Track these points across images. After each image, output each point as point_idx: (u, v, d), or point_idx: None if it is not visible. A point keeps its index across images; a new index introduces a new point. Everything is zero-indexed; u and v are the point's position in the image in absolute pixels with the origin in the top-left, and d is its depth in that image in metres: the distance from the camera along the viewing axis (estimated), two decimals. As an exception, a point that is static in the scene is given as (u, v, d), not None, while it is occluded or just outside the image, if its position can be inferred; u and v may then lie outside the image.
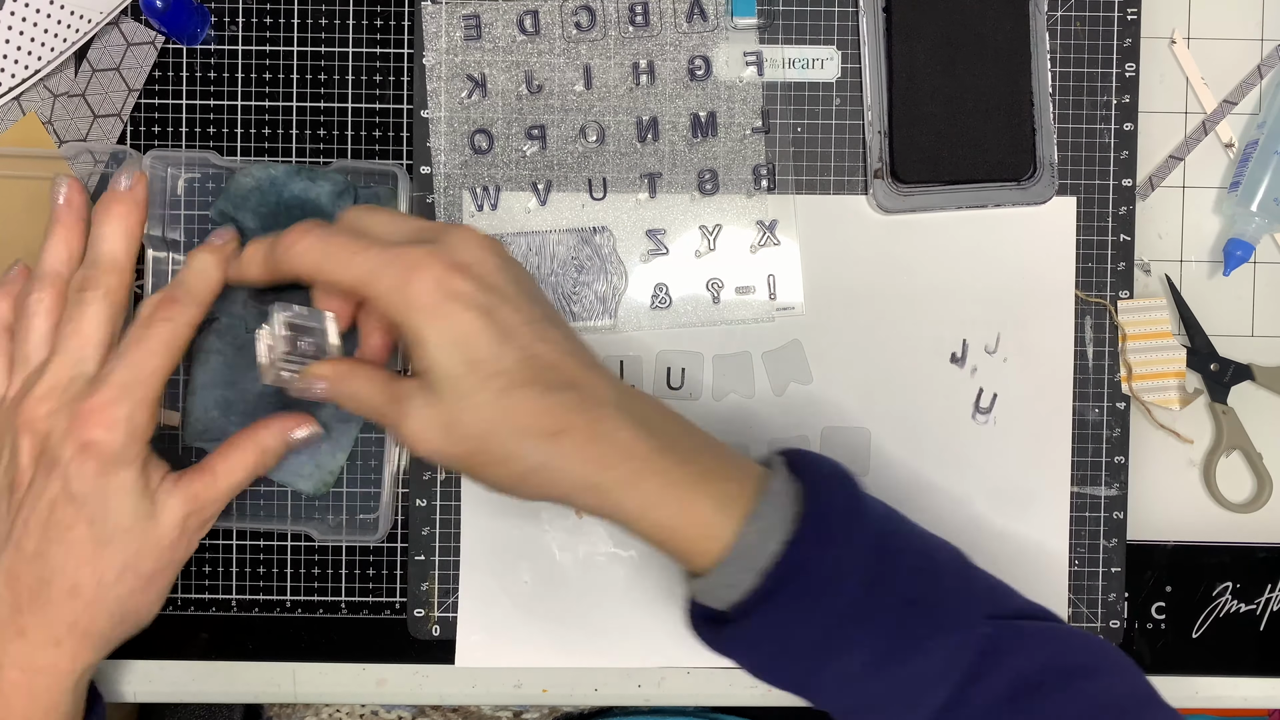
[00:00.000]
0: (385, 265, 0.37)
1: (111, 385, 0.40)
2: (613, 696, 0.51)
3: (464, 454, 0.38)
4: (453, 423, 0.37)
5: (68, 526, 0.40)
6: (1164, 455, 0.51)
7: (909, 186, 0.49)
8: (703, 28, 0.50)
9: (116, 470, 0.40)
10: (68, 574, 0.40)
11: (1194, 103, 0.51)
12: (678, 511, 0.37)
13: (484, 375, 0.36)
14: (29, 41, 0.48)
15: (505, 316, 0.37)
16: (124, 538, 0.40)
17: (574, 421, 0.37)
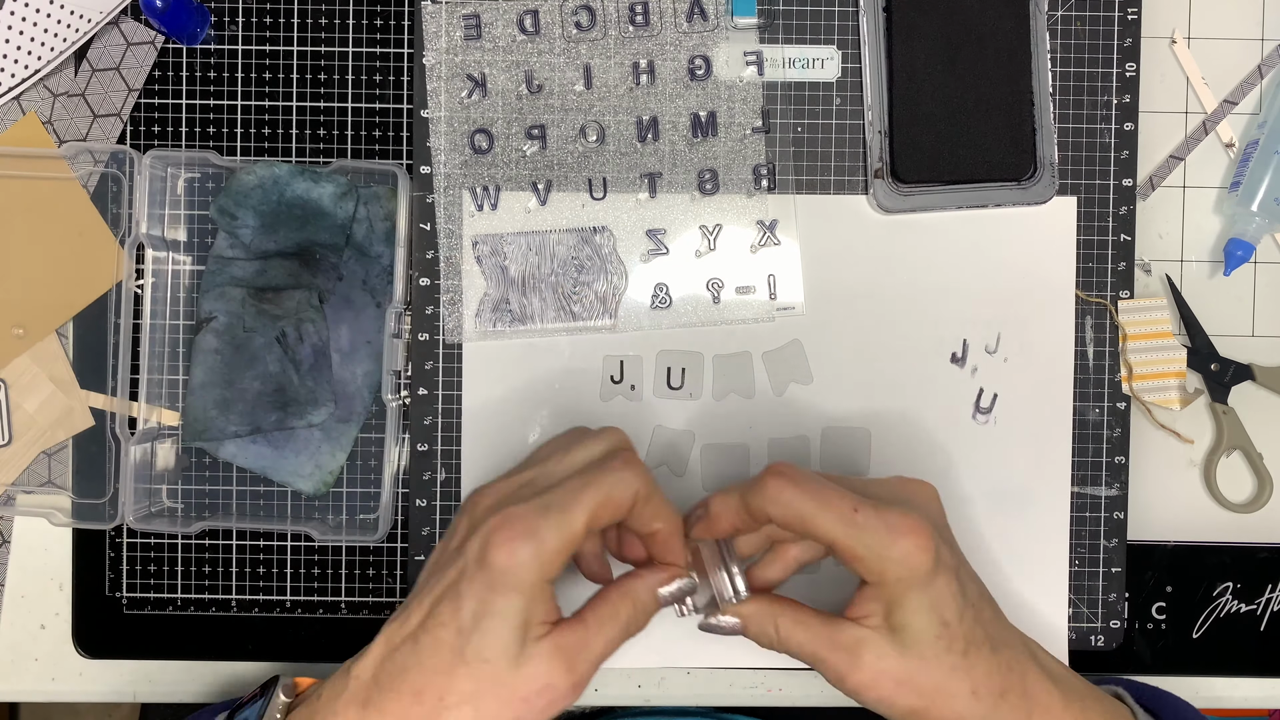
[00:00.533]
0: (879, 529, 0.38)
1: (539, 503, 0.37)
2: (613, 696, 0.51)
3: (909, 709, 0.39)
4: (910, 679, 0.39)
5: (441, 624, 0.37)
6: (1164, 455, 0.51)
7: (909, 186, 0.49)
8: (703, 27, 0.50)
9: (503, 592, 0.36)
10: (423, 674, 0.37)
11: (1194, 102, 0.51)
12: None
13: (952, 637, 0.39)
14: (29, 41, 0.48)
15: (964, 579, 0.39)
16: (482, 668, 0.36)
17: (1012, 682, 0.40)
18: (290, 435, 0.49)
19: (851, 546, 0.38)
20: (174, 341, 0.50)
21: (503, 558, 0.36)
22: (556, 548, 0.37)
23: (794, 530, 0.39)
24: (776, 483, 0.39)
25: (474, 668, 0.36)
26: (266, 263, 0.49)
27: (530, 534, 0.36)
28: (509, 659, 0.36)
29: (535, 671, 0.37)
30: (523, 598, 0.36)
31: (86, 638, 0.51)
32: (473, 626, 0.36)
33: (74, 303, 0.50)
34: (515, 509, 0.37)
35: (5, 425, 0.50)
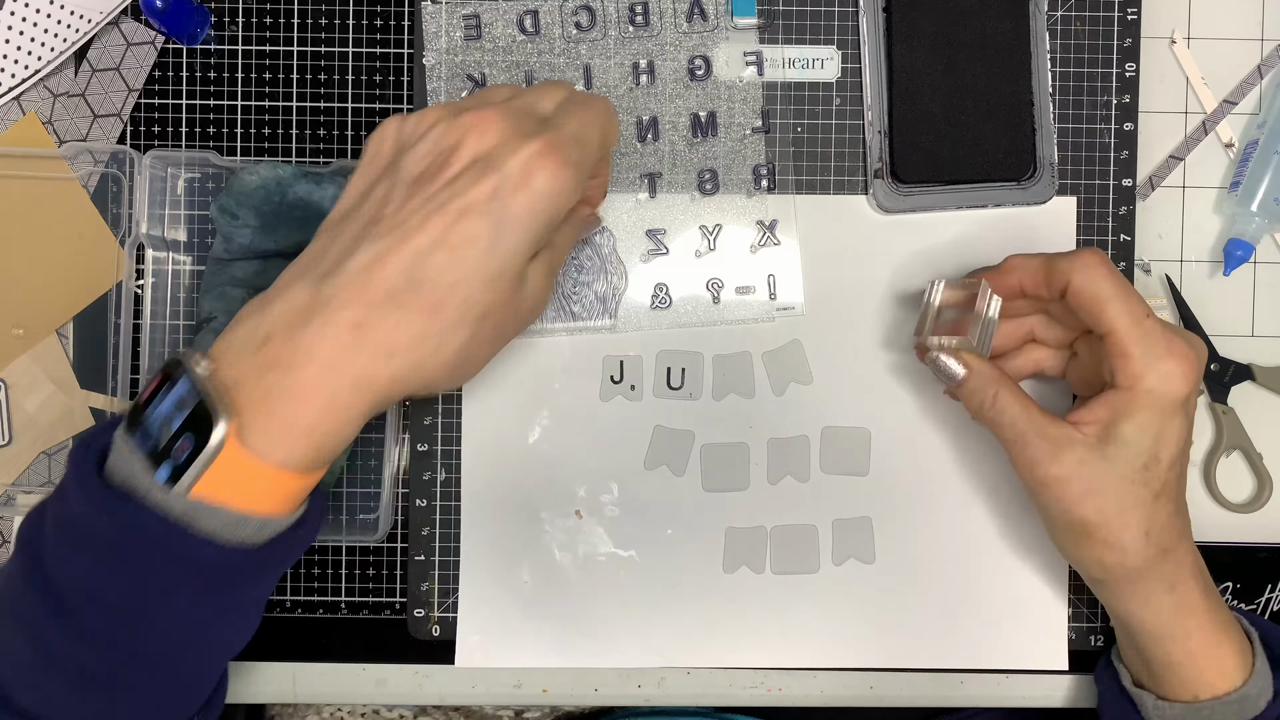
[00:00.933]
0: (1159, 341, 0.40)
1: (567, 130, 0.37)
2: (613, 696, 0.51)
3: (1083, 520, 0.41)
4: (1099, 492, 0.41)
5: (470, 238, 0.35)
6: (1164, 455, 0.52)
7: (909, 186, 0.49)
8: (703, 27, 0.50)
9: (540, 217, 0.36)
10: (441, 287, 0.35)
11: (1194, 103, 0.52)
12: (1209, 645, 0.43)
13: (1153, 476, 0.41)
14: (29, 41, 0.48)
15: (1189, 437, 0.42)
16: (507, 284, 0.37)
17: (1176, 546, 0.42)
18: (291, 435, 0.49)
19: (1128, 343, 0.40)
20: (174, 342, 0.50)
21: (549, 182, 0.36)
22: (583, 179, 0.38)
23: (1083, 308, 0.41)
24: (1092, 257, 0.41)
25: (499, 283, 0.36)
26: (267, 263, 0.49)
27: (571, 164, 0.37)
28: (521, 275, 0.37)
29: (535, 287, 0.39)
30: (553, 224, 0.37)
31: (87, 638, 0.51)
32: (506, 247, 0.36)
33: (74, 303, 0.50)
34: (554, 137, 0.36)
35: (5, 425, 0.50)
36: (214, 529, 0.34)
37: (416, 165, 0.37)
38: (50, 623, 0.35)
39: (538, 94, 0.39)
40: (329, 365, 0.34)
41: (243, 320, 0.36)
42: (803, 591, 0.50)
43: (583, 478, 0.50)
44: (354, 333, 0.34)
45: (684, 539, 0.50)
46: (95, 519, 0.34)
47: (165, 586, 0.35)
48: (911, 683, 0.51)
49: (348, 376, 0.34)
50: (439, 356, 0.36)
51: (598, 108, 0.40)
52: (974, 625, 0.50)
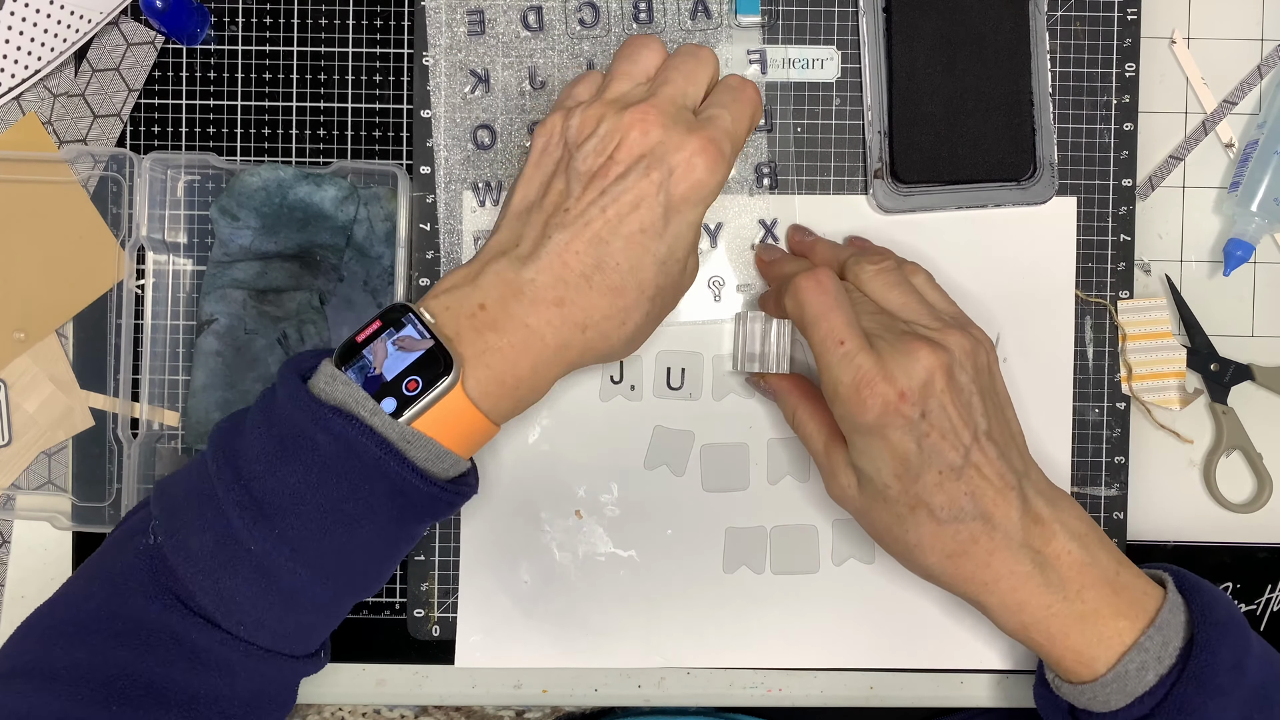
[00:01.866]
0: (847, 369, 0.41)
1: (719, 127, 0.42)
2: (613, 696, 0.52)
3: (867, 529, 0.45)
4: (865, 511, 0.44)
5: (641, 228, 0.41)
6: (1164, 455, 0.52)
7: (909, 186, 0.50)
8: (706, 25, 0.51)
9: (699, 204, 0.42)
10: (620, 272, 0.41)
11: (1194, 103, 0.52)
12: (1054, 639, 0.42)
13: (898, 491, 0.42)
14: (29, 41, 0.49)
15: (934, 444, 0.41)
16: (674, 266, 0.42)
17: (969, 550, 0.42)
18: (292, 436, 0.50)
19: (821, 371, 0.42)
20: (175, 343, 0.51)
21: (707, 176, 0.41)
22: (729, 171, 0.43)
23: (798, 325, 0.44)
24: (806, 284, 0.43)
25: (669, 266, 0.42)
26: (267, 264, 0.49)
27: (725, 158, 0.42)
28: (684, 261, 0.43)
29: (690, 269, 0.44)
30: (703, 212, 0.42)
31: (87, 638, 0.51)
32: (672, 234, 0.41)
33: (74, 304, 0.51)
34: (711, 133, 0.41)
35: (5, 426, 0.51)
36: (422, 459, 0.39)
37: (587, 162, 0.41)
38: (247, 528, 0.38)
39: (686, 76, 0.43)
40: (537, 333, 0.40)
41: (450, 288, 0.41)
42: (803, 591, 0.51)
43: (583, 478, 0.51)
44: (557, 308, 0.40)
45: (684, 539, 0.51)
46: (315, 433, 0.38)
47: (371, 505, 0.39)
48: (911, 683, 0.52)
49: (551, 343, 0.41)
50: (622, 330, 0.42)
51: (750, 98, 0.44)
52: (974, 625, 0.51)
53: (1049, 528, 0.42)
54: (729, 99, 0.43)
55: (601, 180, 0.41)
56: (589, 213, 0.41)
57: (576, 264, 0.40)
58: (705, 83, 0.44)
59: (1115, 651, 0.42)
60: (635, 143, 0.41)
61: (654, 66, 0.44)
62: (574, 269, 0.40)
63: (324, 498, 0.38)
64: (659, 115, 0.41)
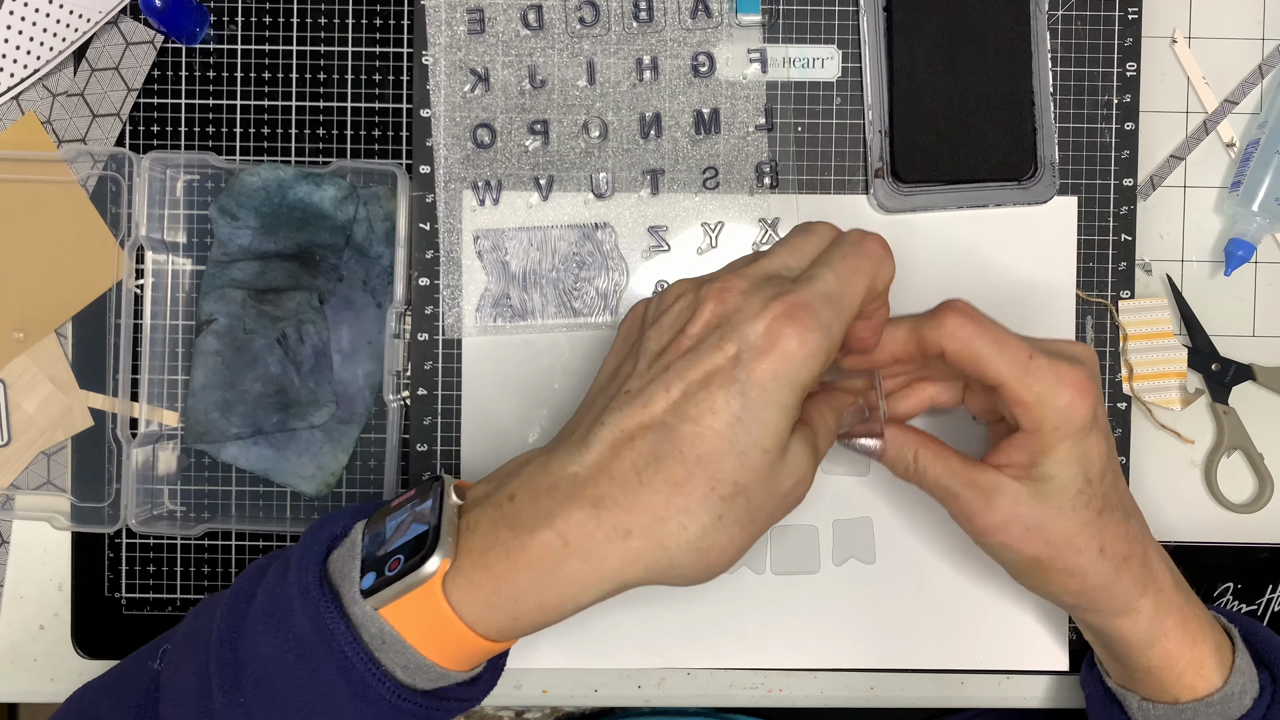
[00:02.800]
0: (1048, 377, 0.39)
1: (816, 289, 0.36)
2: (613, 697, 0.52)
3: (1034, 557, 0.41)
4: (1041, 528, 0.41)
5: (712, 409, 0.34)
6: (1165, 455, 0.53)
7: (909, 186, 0.50)
8: (706, 24, 0.51)
9: (789, 384, 0.35)
10: (684, 463, 0.34)
11: (1195, 102, 0.53)
12: (1185, 647, 0.43)
13: (1091, 494, 0.41)
14: (28, 41, 0.49)
15: (1112, 445, 0.42)
16: (760, 458, 0.35)
17: (1135, 549, 0.42)
18: (292, 436, 0.50)
19: (1020, 391, 0.39)
20: (174, 343, 0.51)
21: (797, 347, 0.34)
22: (839, 338, 0.36)
23: (964, 368, 0.40)
24: (956, 319, 0.39)
25: (750, 457, 0.34)
26: (266, 264, 0.50)
27: (821, 325, 0.35)
28: (782, 449, 0.35)
29: (795, 465, 0.37)
30: (804, 390, 0.35)
31: (86, 638, 0.52)
32: (752, 418, 0.34)
33: (73, 304, 0.52)
34: (801, 297, 0.35)
35: (5, 426, 0.51)
36: (394, 665, 0.35)
37: (659, 339, 0.37)
38: (220, 685, 0.36)
39: (789, 249, 0.38)
40: (560, 535, 0.34)
41: (502, 473, 0.38)
42: (803, 591, 0.51)
43: (583, 478, 0.51)
44: (593, 507, 0.34)
45: (684, 539, 0.51)
46: (298, 608, 0.35)
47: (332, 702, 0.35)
48: (911, 683, 0.52)
49: (576, 551, 0.34)
50: (682, 537, 0.34)
51: (865, 252, 0.37)
52: (974, 625, 0.51)
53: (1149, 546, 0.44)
54: (838, 256, 0.37)
55: (669, 355, 0.36)
56: (649, 391, 0.35)
57: (629, 453, 0.34)
58: (812, 252, 0.38)
59: (1226, 667, 0.43)
60: (710, 313, 0.36)
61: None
62: (624, 460, 0.34)
63: (289, 681, 0.35)
64: (741, 282, 0.36)
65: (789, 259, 0.38)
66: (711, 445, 0.34)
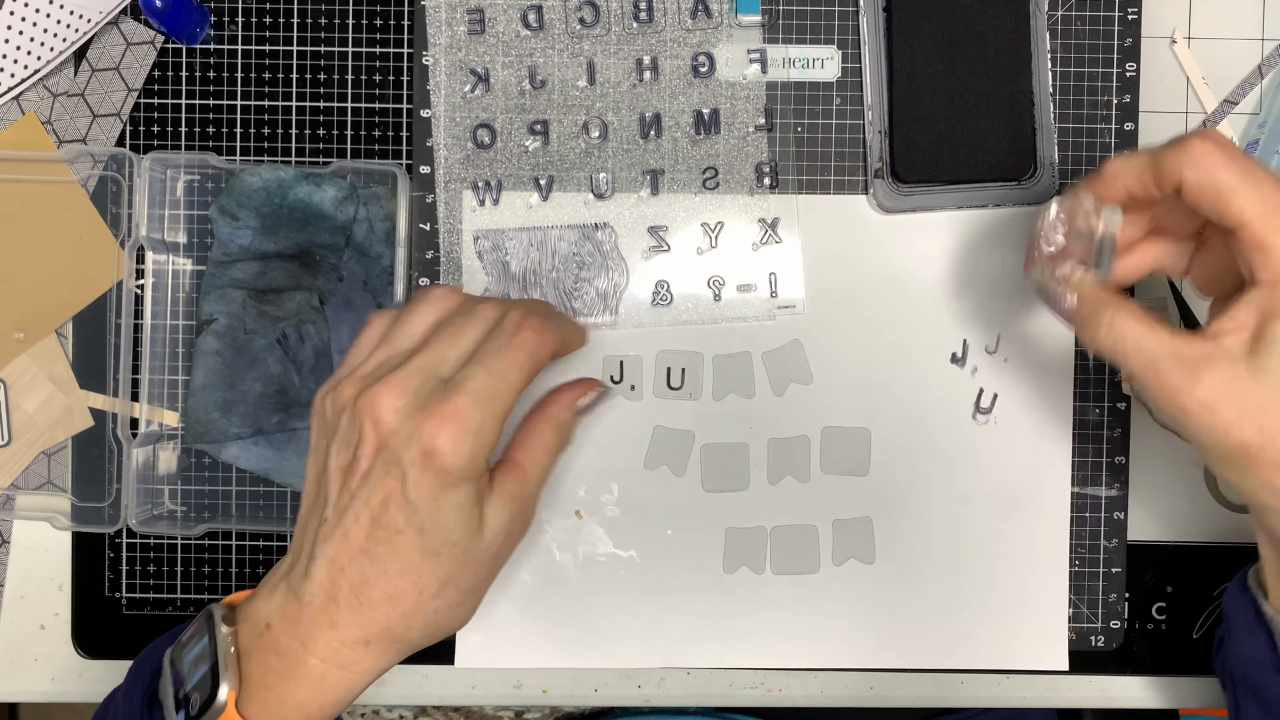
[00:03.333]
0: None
1: (467, 392, 0.39)
2: (613, 697, 0.53)
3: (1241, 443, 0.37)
4: (1259, 409, 0.36)
5: (397, 530, 0.39)
6: (1165, 455, 0.53)
7: (909, 186, 0.51)
8: (706, 24, 0.51)
9: (456, 485, 0.39)
10: (390, 579, 0.39)
11: (1195, 103, 0.53)
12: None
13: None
14: (28, 41, 0.50)
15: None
16: (451, 551, 0.40)
17: None
18: (292, 436, 0.51)
19: (1265, 234, 0.36)
20: (174, 343, 0.51)
21: (450, 457, 0.38)
22: (496, 432, 0.40)
23: (1203, 205, 0.37)
24: (1203, 145, 0.37)
25: (444, 554, 0.40)
26: (267, 264, 0.50)
27: (472, 430, 0.39)
28: (473, 532, 0.40)
29: (496, 529, 0.41)
30: (474, 483, 0.40)
31: (86, 638, 0.52)
32: (434, 524, 0.39)
33: (73, 303, 0.52)
34: (450, 407, 0.38)
35: (5, 426, 0.52)
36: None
37: (337, 457, 0.40)
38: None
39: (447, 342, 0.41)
40: (316, 655, 0.40)
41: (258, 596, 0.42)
42: (803, 591, 0.51)
43: (582, 478, 0.51)
44: (332, 630, 0.39)
45: (684, 539, 0.51)
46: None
47: None
48: (911, 683, 0.53)
49: (333, 662, 0.40)
50: (411, 634, 0.40)
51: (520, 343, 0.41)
52: (974, 625, 0.51)
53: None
54: (492, 350, 0.40)
55: (351, 481, 0.40)
56: (344, 522, 0.39)
57: (344, 581, 0.39)
58: (470, 341, 0.41)
59: None
60: (370, 436, 0.39)
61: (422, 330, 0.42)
62: (342, 587, 0.39)
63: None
64: (393, 398, 0.39)
65: (446, 352, 0.40)
66: (407, 559, 0.39)
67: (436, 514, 0.39)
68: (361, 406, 0.39)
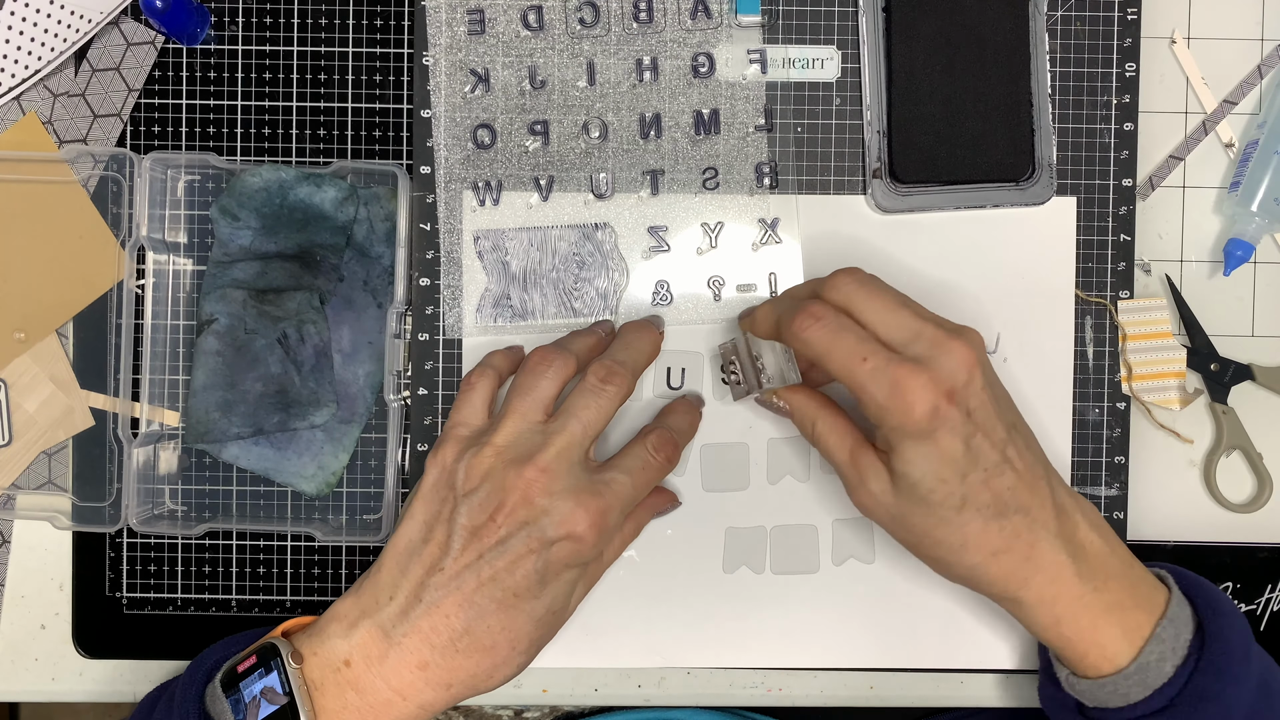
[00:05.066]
0: (882, 381, 0.41)
1: (613, 495, 0.44)
2: (613, 696, 0.53)
3: (899, 538, 0.45)
4: (901, 517, 0.44)
5: (516, 594, 0.43)
6: (1164, 455, 0.53)
7: (907, 186, 0.51)
8: (706, 25, 0.52)
9: (578, 565, 0.44)
10: (491, 634, 0.43)
11: (1194, 102, 0.53)
12: (1083, 632, 0.43)
13: (945, 494, 0.42)
14: (29, 41, 0.50)
15: (978, 444, 0.42)
16: (549, 618, 0.44)
17: (1013, 545, 0.43)
18: (292, 436, 0.51)
19: (858, 392, 0.42)
20: (175, 343, 0.52)
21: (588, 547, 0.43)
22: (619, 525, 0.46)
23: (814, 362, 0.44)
24: (800, 323, 0.43)
25: (544, 620, 0.44)
26: (267, 264, 0.51)
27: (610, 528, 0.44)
28: (567, 604, 0.45)
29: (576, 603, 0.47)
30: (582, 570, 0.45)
31: (86, 638, 0.53)
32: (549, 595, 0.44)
33: (74, 303, 0.52)
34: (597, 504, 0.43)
35: (6, 425, 0.52)
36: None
37: (471, 517, 0.43)
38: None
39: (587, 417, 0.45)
40: (399, 693, 0.43)
41: (328, 632, 0.43)
42: (803, 591, 0.52)
43: (583, 478, 0.52)
44: (420, 671, 0.43)
45: (684, 539, 0.52)
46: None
47: None
48: (911, 683, 0.53)
49: (413, 704, 0.43)
50: (491, 682, 0.44)
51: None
52: (974, 625, 0.52)
53: (1073, 517, 0.44)
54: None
55: (481, 541, 0.43)
56: (463, 576, 0.43)
57: (445, 627, 0.42)
58: (611, 413, 0.46)
59: (1136, 643, 0.43)
60: (518, 508, 0.43)
61: (552, 396, 0.46)
62: (442, 633, 0.42)
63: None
64: (546, 481, 0.43)
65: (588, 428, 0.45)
66: (514, 620, 0.43)
67: (555, 588, 0.44)
68: (512, 481, 0.43)
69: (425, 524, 0.44)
